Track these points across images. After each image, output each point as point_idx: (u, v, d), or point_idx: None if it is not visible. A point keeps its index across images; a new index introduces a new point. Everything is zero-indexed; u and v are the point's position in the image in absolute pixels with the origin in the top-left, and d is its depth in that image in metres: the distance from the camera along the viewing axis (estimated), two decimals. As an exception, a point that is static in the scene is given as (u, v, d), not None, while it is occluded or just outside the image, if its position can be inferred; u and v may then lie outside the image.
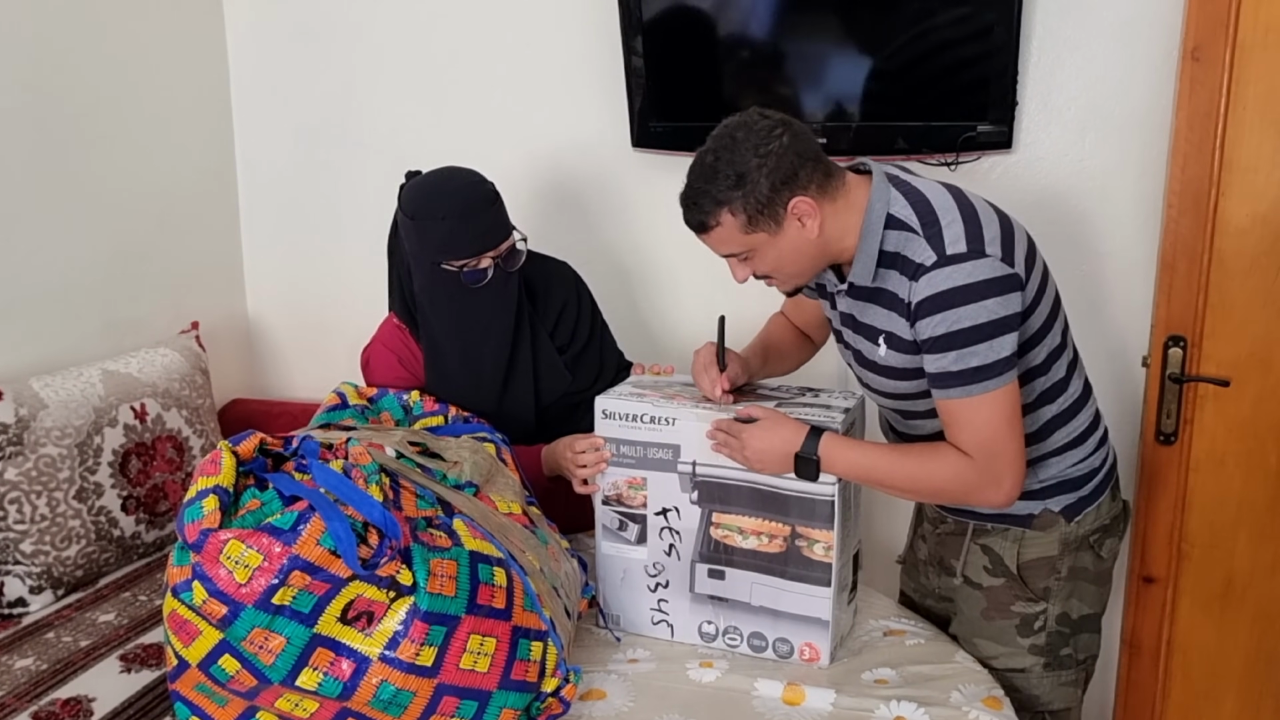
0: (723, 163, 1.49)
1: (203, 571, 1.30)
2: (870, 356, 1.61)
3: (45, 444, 2.01)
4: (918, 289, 1.47)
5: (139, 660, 1.75)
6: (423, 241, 1.80)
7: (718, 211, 1.50)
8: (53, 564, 1.99)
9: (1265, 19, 1.85)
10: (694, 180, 1.52)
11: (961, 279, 1.44)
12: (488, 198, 1.81)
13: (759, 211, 1.48)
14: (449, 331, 1.87)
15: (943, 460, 1.52)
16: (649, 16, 2.25)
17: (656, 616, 1.73)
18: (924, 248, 1.47)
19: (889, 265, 1.52)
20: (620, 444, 1.68)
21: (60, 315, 2.32)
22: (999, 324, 1.45)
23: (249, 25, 2.75)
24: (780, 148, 1.48)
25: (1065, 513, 1.66)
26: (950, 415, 1.51)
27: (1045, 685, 1.71)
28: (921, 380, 1.55)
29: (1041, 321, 1.56)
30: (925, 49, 2.09)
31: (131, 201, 2.50)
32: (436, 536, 1.44)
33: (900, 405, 1.65)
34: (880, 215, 1.52)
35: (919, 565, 1.90)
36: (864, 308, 1.59)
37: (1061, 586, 1.68)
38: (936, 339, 1.46)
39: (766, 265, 1.56)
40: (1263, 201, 1.91)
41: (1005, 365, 1.46)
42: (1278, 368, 1.96)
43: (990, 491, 1.50)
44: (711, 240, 1.55)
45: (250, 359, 2.94)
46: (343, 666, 1.33)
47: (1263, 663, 2.08)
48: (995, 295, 1.44)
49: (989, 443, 1.48)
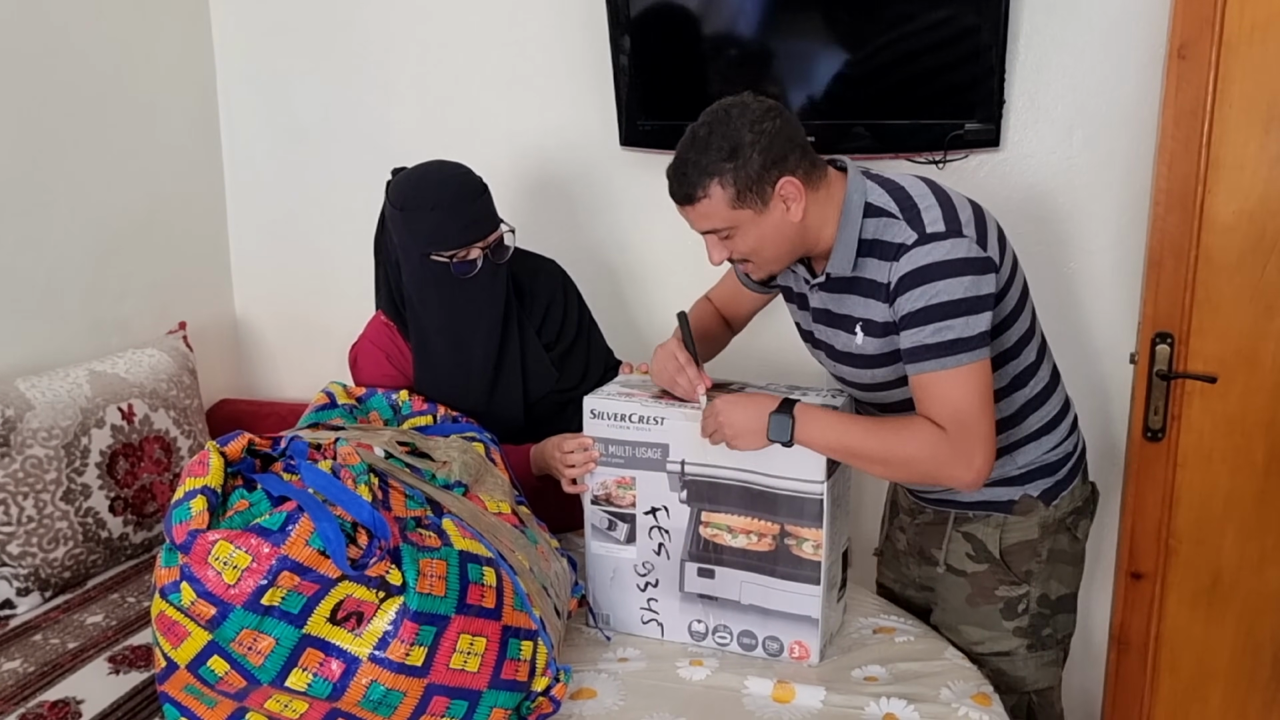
0: (716, 135, 1.50)
1: (191, 573, 1.29)
2: (846, 348, 1.63)
3: (32, 445, 2.00)
4: (898, 267, 1.50)
5: (127, 662, 1.74)
6: (412, 233, 1.80)
7: (707, 183, 1.51)
8: (40, 565, 1.98)
9: (1251, 17, 1.86)
10: (684, 152, 1.53)
11: (940, 255, 1.48)
12: (476, 188, 1.82)
13: (748, 187, 1.50)
14: (438, 325, 1.87)
15: (916, 431, 1.52)
16: (636, 14, 2.25)
17: (646, 615, 1.73)
18: (904, 229, 1.51)
19: (867, 253, 1.55)
20: (609, 443, 1.68)
21: (46, 316, 2.31)
22: (975, 301, 1.48)
23: (235, 24, 2.74)
24: (773, 129, 1.50)
25: (1043, 497, 1.71)
26: (924, 389, 1.52)
27: (1030, 666, 1.76)
28: (898, 365, 1.57)
29: (1013, 306, 1.60)
30: (912, 48, 2.09)
31: (118, 201, 2.49)
32: (426, 536, 1.43)
33: (876, 397, 1.67)
34: (859, 204, 1.55)
35: (899, 556, 1.92)
36: (840, 299, 1.61)
37: (1042, 569, 1.73)
38: (915, 313, 1.49)
39: (747, 246, 1.56)
40: (1249, 199, 1.92)
41: (980, 341, 1.49)
42: (1264, 364, 1.97)
43: (961, 468, 1.50)
44: (696, 213, 1.55)
45: (238, 359, 2.93)
46: (332, 667, 1.33)
47: (1250, 657, 2.09)
48: (972, 274, 1.48)
49: (962, 415, 1.49)
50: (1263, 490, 2.01)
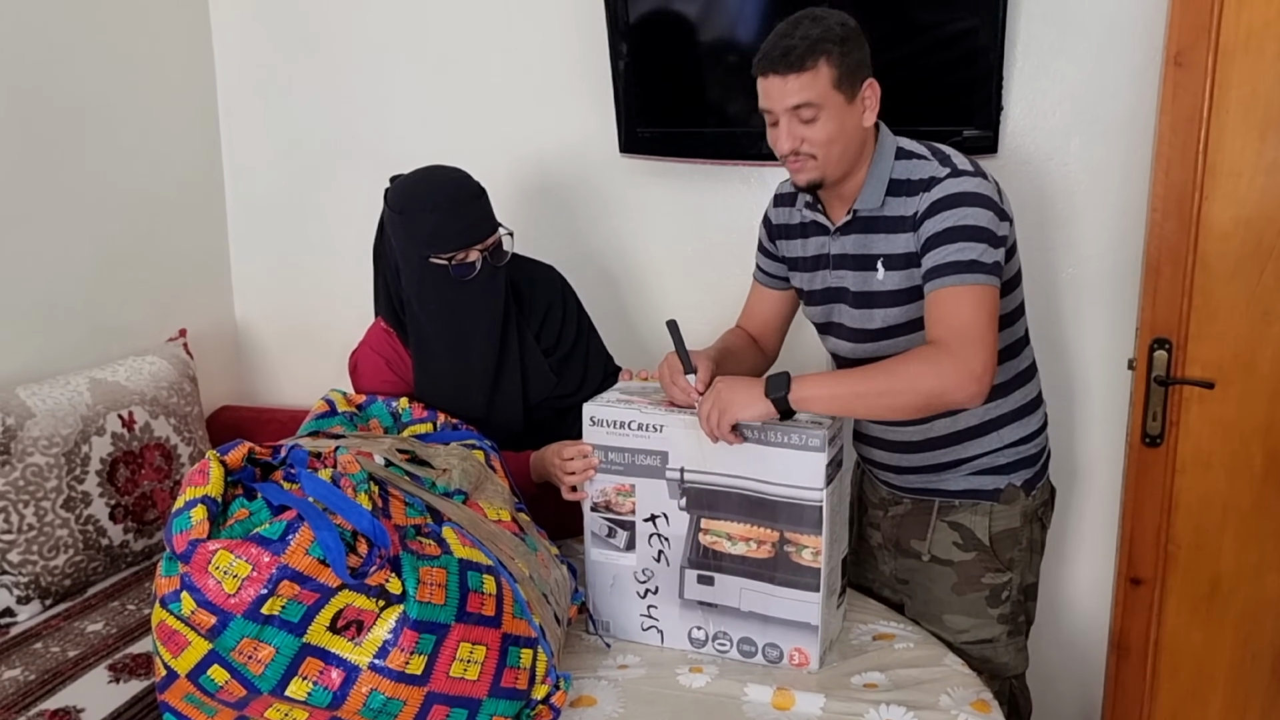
0: (831, 18, 1.58)
1: (191, 582, 1.30)
2: (864, 287, 1.69)
3: (33, 453, 2.00)
4: (929, 195, 1.60)
5: (128, 670, 1.75)
6: (410, 235, 1.81)
7: (819, 55, 1.56)
8: (40, 573, 1.98)
9: (1247, 24, 1.87)
10: (795, 28, 1.58)
11: (971, 187, 1.59)
12: (473, 191, 1.83)
13: (850, 72, 1.58)
14: (438, 329, 1.88)
15: (917, 357, 1.55)
16: (635, 20, 2.25)
17: (646, 622, 1.73)
18: (935, 165, 1.62)
19: (894, 192, 1.64)
20: (608, 450, 1.69)
21: (47, 323, 2.31)
22: (995, 236, 1.58)
23: (236, 32, 2.74)
24: (862, 40, 1.61)
25: (1024, 487, 1.80)
26: (938, 305, 1.57)
27: (1010, 652, 1.83)
28: (910, 306, 1.64)
29: (1013, 274, 1.70)
30: (910, 54, 2.10)
31: (118, 208, 2.49)
32: (426, 544, 1.44)
33: (878, 347, 1.71)
34: (891, 148, 1.67)
35: (873, 552, 1.94)
36: (863, 239, 1.68)
37: (1022, 556, 1.81)
38: (942, 232, 1.57)
39: (823, 135, 1.60)
40: (1245, 205, 1.93)
41: (996, 269, 1.58)
42: (1261, 370, 1.97)
43: (964, 376, 1.51)
44: (798, 83, 1.57)
45: (238, 366, 2.93)
46: (332, 676, 1.33)
47: (1250, 663, 2.09)
48: (995, 212, 1.59)
49: (969, 329, 1.53)
50: (1261, 496, 2.02)
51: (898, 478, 1.85)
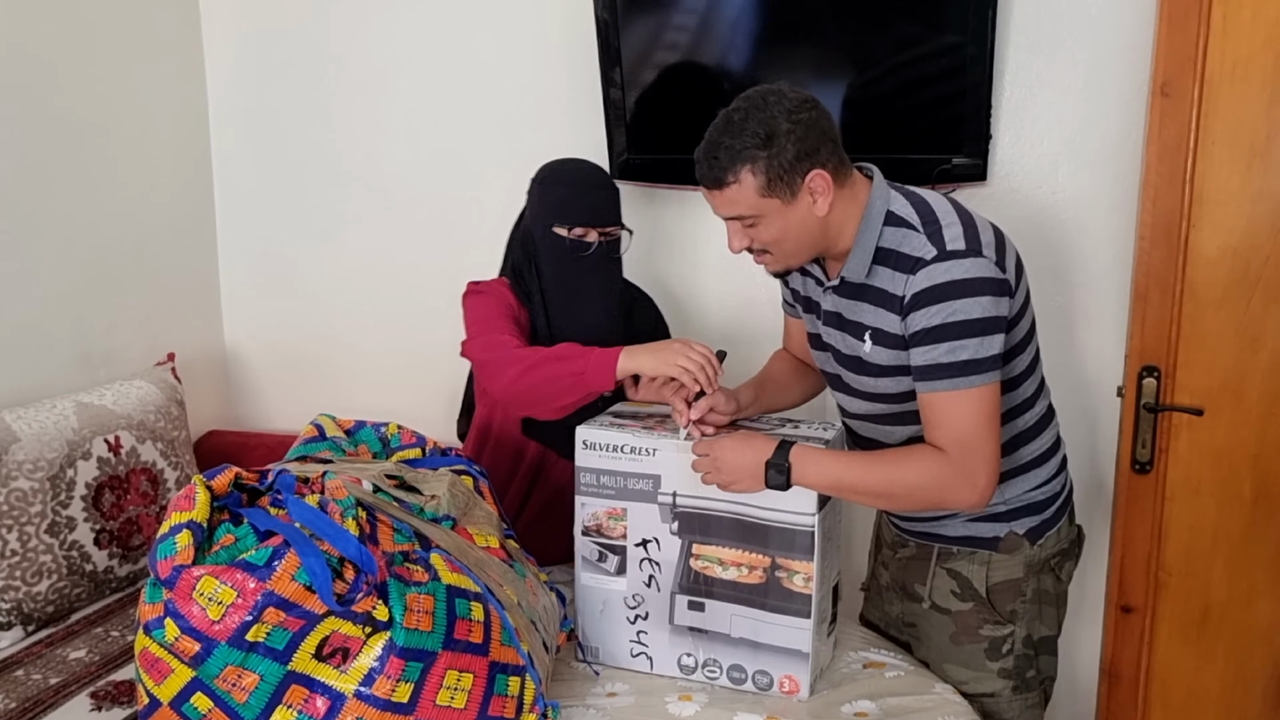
0: (753, 120, 1.49)
1: (175, 608, 1.28)
2: (853, 353, 1.62)
3: (17, 477, 1.98)
4: (915, 282, 1.49)
5: (110, 698, 1.72)
6: (543, 204, 1.97)
7: (739, 168, 1.50)
8: (23, 599, 1.96)
9: (1232, 55, 1.89)
10: (717, 135, 1.52)
11: (960, 274, 1.47)
12: (605, 182, 2.00)
13: (779, 176, 1.49)
14: (554, 296, 1.98)
15: (918, 459, 1.52)
16: (626, 49, 2.26)
17: (636, 648, 1.72)
18: (924, 243, 1.50)
19: (882, 261, 1.55)
20: (600, 474, 1.68)
21: (34, 346, 2.30)
22: (991, 322, 1.48)
23: (228, 56, 2.75)
24: (809, 119, 1.50)
25: (1029, 535, 1.69)
26: (933, 409, 1.51)
27: (1015, 709, 1.74)
28: (903, 378, 1.56)
29: (1022, 335, 1.61)
30: (900, 83, 2.11)
31: (107, 232, 2.49)
32: (413, 571, 1.42)
33: (875, 408, 1.66)
34: (880, 211, 1.55)
35: (881, 592, 1.91)
36: (851, 305, 1.61)
37: (1026, 609, 1.71)
38: (930, 330, 1.48)
39: (769, 236, 1.55)
40: (1233, 234, 1.94)
41: (993, 364, 1.49)
42: (1250, 397, 1.98)
43: (965, 489, 1.49)
44: (723, 198, 1.54)
45: (227, 390, 2.91)
46: (317, 704, 1.32)
47: (1241, 691, 2.08)
48: (990, 294, 1.48)
49: (968, 438, 1.48)
50: (1250, 523, 2.02)
51: (902, 520, 1.80)
